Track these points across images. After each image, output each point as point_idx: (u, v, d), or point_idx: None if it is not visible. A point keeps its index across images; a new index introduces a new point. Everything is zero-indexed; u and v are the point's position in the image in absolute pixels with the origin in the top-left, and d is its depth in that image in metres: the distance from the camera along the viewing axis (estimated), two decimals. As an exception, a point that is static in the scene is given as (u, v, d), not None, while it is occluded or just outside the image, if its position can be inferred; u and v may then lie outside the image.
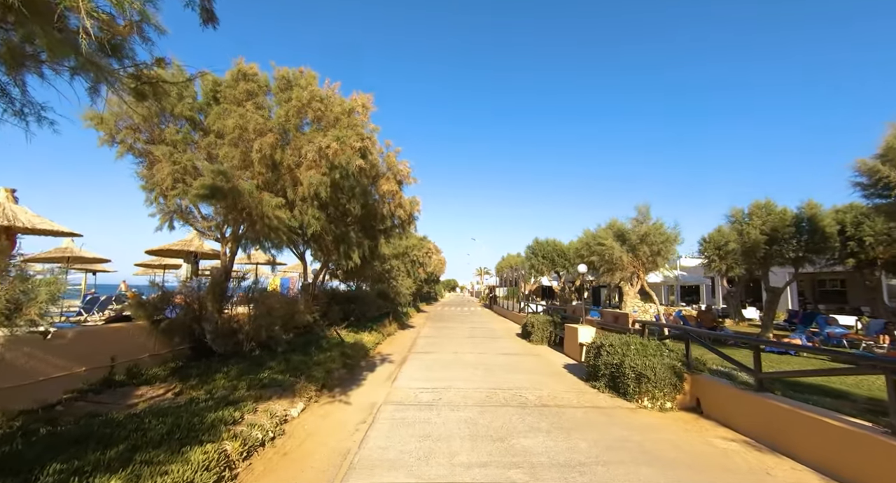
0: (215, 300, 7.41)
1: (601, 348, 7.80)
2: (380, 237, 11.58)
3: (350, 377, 8.39)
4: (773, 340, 9.61)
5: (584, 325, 11.23)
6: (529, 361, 10.56)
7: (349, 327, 13.63)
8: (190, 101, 6.82)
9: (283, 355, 8.06)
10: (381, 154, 11.56)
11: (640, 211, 10.28)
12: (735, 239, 11.33)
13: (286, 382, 6.58)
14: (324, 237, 9.08)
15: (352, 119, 7.33)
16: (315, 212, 7.39)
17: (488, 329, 18.69)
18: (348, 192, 8.96)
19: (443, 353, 11.54)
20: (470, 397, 6.98)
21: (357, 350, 10.39)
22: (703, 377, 6.40)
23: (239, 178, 6.34)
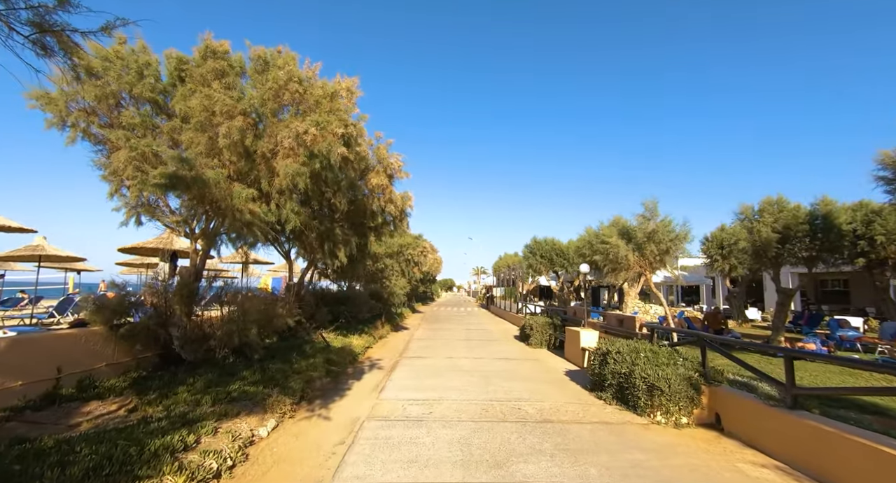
0: (183, 302, 6.70)
1: (607, 355, 7.14)
2: (369, 234, 10.89)
3: (334, 387, 7.69)
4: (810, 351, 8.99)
5: (586, 328, 10.58)
6: (528, 367, 9.90)
7: (338, 330, 12.93)
8: (152, 80, 6.09)
9: (261, 363, 7.37)
10: (371, 146, 10.86)
11: (647, 207, 9.65)
12: (745, 237, 10.73)
13: (258, 395, 5.88)
14: (306, 234, 8.39)
15: (335, 103, 6.64)
16: (294, 206, 6.70)
17: (485, 331, 18.04)
18: (333, 185, 8.26)
19: (436, 358, 10.87)
20: (464, 411, 6.31)
21: (344, 355, 9.70)
22: (723, 389, 5.75)
23: (205, 167, 5.65)
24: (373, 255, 16.18)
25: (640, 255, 9.66)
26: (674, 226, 9.35)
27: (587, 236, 12.48)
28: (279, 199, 6.69)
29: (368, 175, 9.86)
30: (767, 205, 10.63)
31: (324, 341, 9.88)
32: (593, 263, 12.07)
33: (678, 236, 9.35)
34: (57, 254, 12.90)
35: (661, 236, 9.28)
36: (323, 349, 9.51)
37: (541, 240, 25.31)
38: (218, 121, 5.71)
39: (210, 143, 5.77)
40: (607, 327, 9.78)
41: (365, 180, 9.91)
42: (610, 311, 10.18)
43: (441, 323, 21.55)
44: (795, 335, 14.89)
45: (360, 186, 10.22)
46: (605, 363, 7.15)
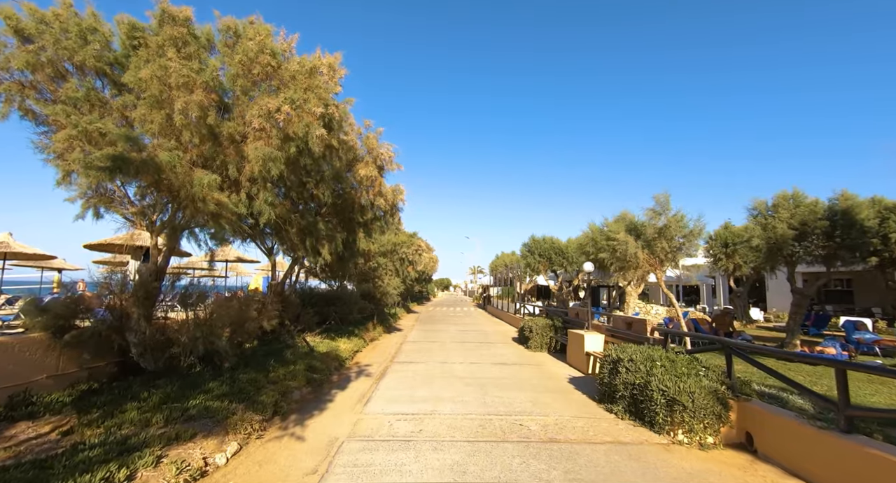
0: (141, 305, 5.91)
1: (618, 364, 6.42)
2: (358, 231, 10.12)
3: (314, 398, 6.92)
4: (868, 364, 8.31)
5: (590, 331, 9.86)
6: (529, 374, 9.17)
7: (326, 332, 12.16)
8: (97, 47, 5.28)
9: (231, 372, 6.58)
10: (360, 135, 10.10)
11: (658, 201, 8.92)
12: (759, 234, 10.05)
13: (221, 412, 5.10)
14: (286, 229, 7.61)
15: (314, 80, 5.87)
16: (268, 196, 5.93)
17: (481, 332, 17.30)
18: (315, 174, 7.49)
19: (430, 363, 10.12)
20: (458, 428, 5.56)
21: (329, 361, 8.93)
22: (755, 405, 5.03)
23: (160, 149, 4.87)
24: (364, 253, 15.40)
25: (650, 252, 8.95)
26: (687, 221, 8.65)
27: (591, 233, 11.76)
28: (251, 188, 5.91)
29: (356, 166, 9.09)
30: (782, 200, 9.95)
31: (307, 346, 9.09)
32: (598, 261, 11.36)
33: (692, 232, 8.63)
34: (24, 251, 12.05)
35: (674, 232, 8.57)
36: (306, 355, 8.74)
37: (539, 238, 24.61)
38: (175, 95, 4.93)
39: (167, 121, 4.99)
40: (614, 331, 9.06)
41: (353, 171, 9.14)
42: (616, 314, 9.45)
43: (436, 324, 20.80)
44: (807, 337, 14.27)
45: (348, 178, 9.44)
46: (615, 372, 6.43)
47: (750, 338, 12.31)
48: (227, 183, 5.84)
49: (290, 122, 5.50)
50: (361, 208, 10.02)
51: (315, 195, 7.90)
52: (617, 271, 9.91)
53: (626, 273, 9.56)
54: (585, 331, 9.91)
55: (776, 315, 26.27)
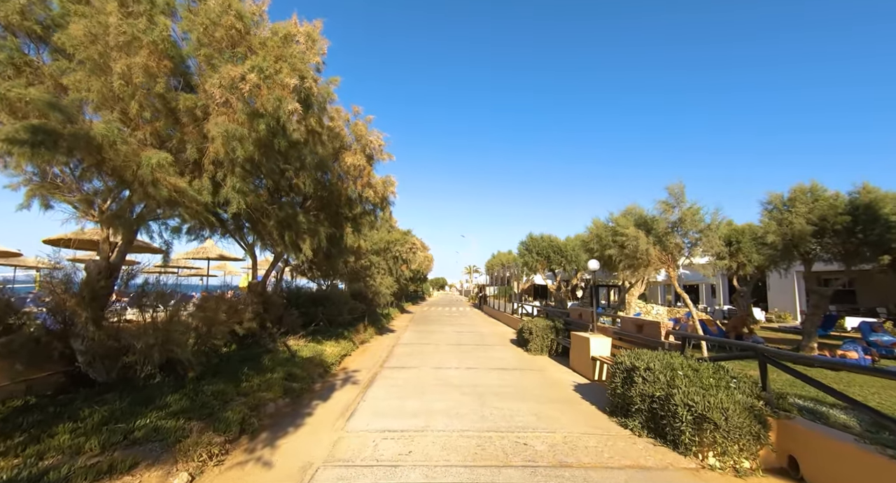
0: (88, 306, 5.12)
1: (633, 372, 5.71)
2: (345, 225, 9.35)
3: (291, 412, 6.15)
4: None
5: (596, 334, 9.15)
6: (530, 380, 8.45)
7: (313, 335, 11.37)
8: (23, 1, 4.50)
9: (196, 383, 5.80)
10: (348, 123, 9.32)
11: (672, 192, 8.21)
12: (774, 230, 9.39)
13: (175, 433, 4.33)
14: (263, 221, 6.83)
15: (288, 49, 5.11)
16: (236, 182, 5.15)
17: (478, 334, 16.57)
18: (295, 161, 6.71)
19: (423, 369, 9.37)
20: (453, 448, 4.82)
21: (312, 368, 8.15)
22: (799, 424, 4.33)
23: (105, 123, 4.09)
24: (354, 250, 14.61)
25: (662, 248, 8.25)
26: (702, 214, 7.96)
27: (595, 229, 11.07)
28: (215, 172, 5.13)
29: (343, 154, 8.32)
30: (800, 193, 9.31)
31: (288, 351, 8.31)
32: (605, 259, 10.65)
33: (709, 227, 7.93)
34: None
35: (689, 226, 7.89)
36: (286, 361, 7.96)
37: (537, 236, 23.94)
38: (115, 57, 4.16)
39: (108, 89, 4.22)
40: (622, 334, 8.36)
41: (339, 161, 8.37)
42: (622, 315, 8.75)
43: (431, 325, 20.05)
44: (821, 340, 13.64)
45: (334, 168, 8.66)
46: (630, 382, 5.71)
47: (762, 340, 11.68)
48: (188, 167, 5.06)
49: (257, 95, 4.73)
50: (349, 201, 9.25)
51: (296, 185, 7.14)
52: (626, 269, 9.22)
53: (636, 271, 8.87)
54: (590, 334, 9.21)
55: (778, 315, 25.80)
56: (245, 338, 9.70)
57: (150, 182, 4.37)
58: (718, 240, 8.13)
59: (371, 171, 8.83)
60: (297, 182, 7.08)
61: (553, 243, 23.21)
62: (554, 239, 23.58)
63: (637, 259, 8.47)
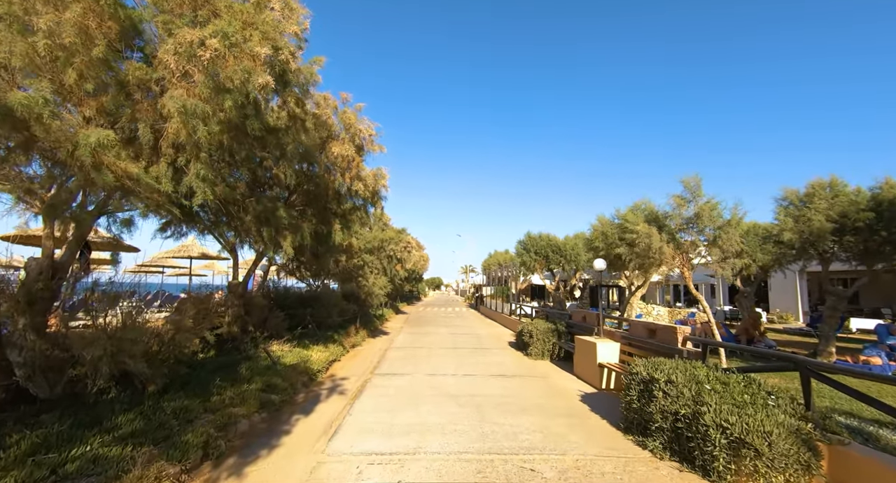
0: (26, 311, 4.41)
1: (651, 385, 5.07)
2: (334, 222, 8.66)
3: (266, 429, 5.47)
4: None
5: (602, 338, 8.53)
6: (533, 389, 7.81)
7: (299, 339, 10.67)
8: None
9: (157, 398, 5.09)
10: (336, 111, 8.62)
11: (687, 185, 7.57)
12: (791, 227, 8.81)
13: (116, 465, 3.63)
14: (240, 215, 6.14)
15: (260, 15, 4.44)
16: (201, 169, 4.46)
17: (475, 336, 15.93)
18: (274, 148, 6.01)
19: (416, 376, 8.70)
20: (449, 474, 4.17)
21: (295, 376, 7.46)
22: (855, 451, 3.70)
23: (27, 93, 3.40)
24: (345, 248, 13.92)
25: (676, 246, 7.64)
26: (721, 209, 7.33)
27: (600, 226, 10.43)
28: (176, 157, 4.44)
29: (330, 144, 7.64)
30: (818, 188, 8.73)
31: (269, 358, 7.61)
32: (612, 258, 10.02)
33: (728, 223, 7.32)
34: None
35: (706, 222, 7.27)
36: (266, 369, 7.26)
37: (535, 235, 23.32)
38: (42, 11, 3.48)
39: (34, 52, 3.51)
40: (632, 339, 7.74)
41: (326, 151, 7.68)
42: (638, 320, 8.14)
43: (426, 326, 19.38)
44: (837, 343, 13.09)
45: (320, 159, 7.96)
46: (648, 396, 5.08)
47: (774, 344, 11.12)
48: (144, 150, 4.35)
49: (222, 67, 4.04)
50: (337, 196, 8.57)
51: (276, 176, 6.44)
52: (637, 269, 8.60)
53: (647, 271, 8.25)
54: (597, 338, 8.58)
55: (779, 315, 25.36)
56: (225, 342, 9.01)
57: (90, 166, 3.67)
58: (739, 237, 7.51)
59: (361, 163, 8.15)
60: (277, 173, 6.39)
61: (552, 242, 22.61)
62: (553, 238, 22.98)
63: (649, 258, 7.85)
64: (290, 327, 11.06)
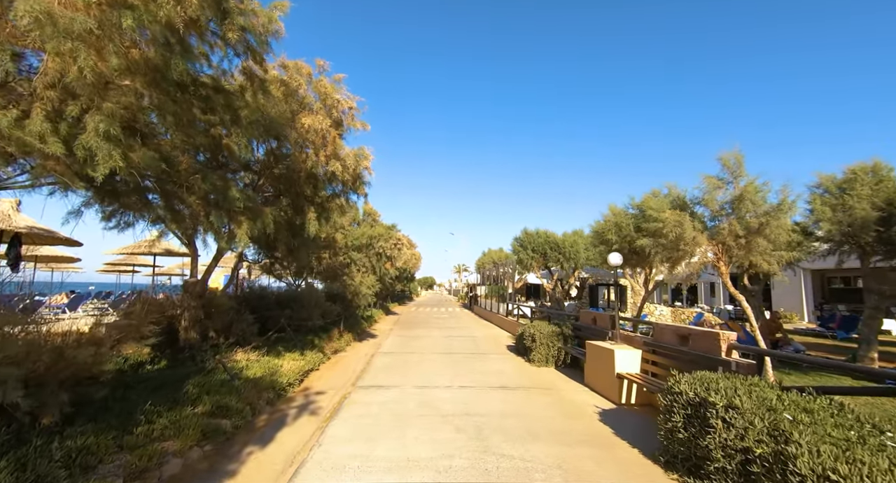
0: None
1: (704, 409, 3.93)
2: (308, 210, 7.41)
3: (207, 469, 4.22)
4: None
5: (620, 345, 7.39)
6: (542, 404, 6.64)
7: (273, 346, 9.41)
8: None
9: (51, 435, 3.82)
10: (310, 79, 7.37)
11: (725, 163, 6.38)
12: (829, 217, 7.76)
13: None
14: (179, 194, 4.88)
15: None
16: (101, 122, 3.21)
17: (470, 339, 14.75)
18: (223, 110, 4.77)
19: (405, 389, 7.50)
20: (445, 550, 2.97)
21: (258, 393, 6.21)
22: None
23: None
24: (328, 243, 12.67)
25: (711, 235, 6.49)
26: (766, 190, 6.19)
27: (612, 217, 9.27)
28: (60, 104, 3.18)
29: (300, 116, 6.41)
30: (860, 174, 7.67)
31: (225, 371, 6.34)
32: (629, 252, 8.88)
33: (778, 207, 6.18)
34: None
35: (749, 207, 6.12)
36: (222, 384, 6.00)
37: (533, 232, 22.24)
38: None
39: None
40: (658, 346, 6.61)
41: (295, 123, 6.44)
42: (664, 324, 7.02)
43: (417, 328, 18.16)
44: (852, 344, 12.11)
45: (291, 136, 6.72)
46: (701, 424, 3.93)
47: (802, 348, 10.10)
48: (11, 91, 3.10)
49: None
50: (312, 179, 7.32)
51: (227, 147, 5.20)
52: (664, 262, 7.47)
53: (676, 264, 7.14)
54: (613, 344, 7.44)
55: (784, 315, 24.55)
56: (182, 350, 7.73)
57: None
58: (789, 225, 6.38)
59: (338, 139, 6.89)
60: (228, 143, 5.15)
61: (550, 239, 21.53)
62: (551, 234, 21.91)
63: (678, 250, 6.71)
64: (262, 332, 9.79)
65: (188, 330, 7.72)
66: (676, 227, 6.46)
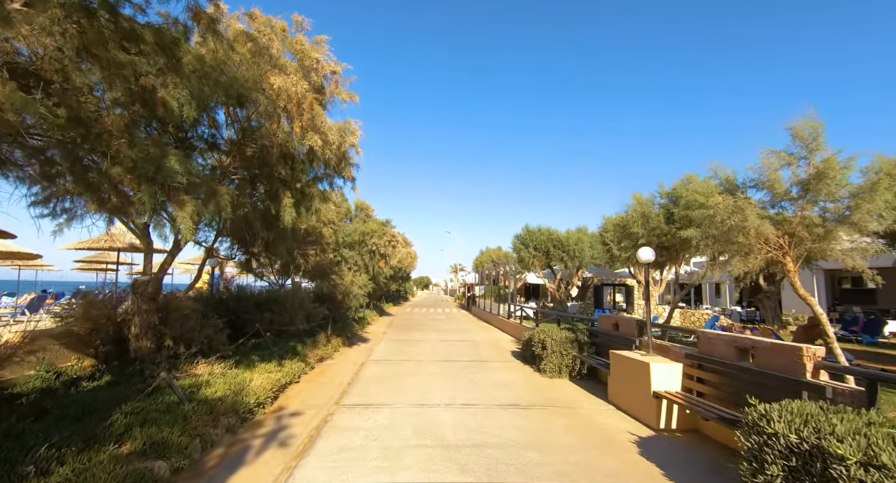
0: None
1: (821, 462, 2.76)
2: (283, 195, 6.19)
3: (112, 547, 2.99)
4: None
5: (654, 356, 6.24)
6: (564, 430, 5.47)
7: (248, 355, 8.19)
8: None
9: None
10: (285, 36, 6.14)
11: (798, 134, 5.14)
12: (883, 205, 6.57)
13: None
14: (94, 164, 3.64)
15: None
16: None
17: (471, 344, 13.56)
18: (156, 50, 3.54)
19: (397, 408, 6.30)
20: None
21: (214, 418, 4.98)
22: None
23: None
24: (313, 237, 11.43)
25: (776, 224, 5.31)
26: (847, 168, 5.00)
27: (639, 206, 8.07)
28: None
29: (268, 75, 5.18)
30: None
31: (173, 391, 5.09)
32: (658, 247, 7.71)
33: (871, 187, 4.96)
34: None
35: (830, 188, 4.93)
36: (167, 410, 4.76)
37: (534, 229, 21.10)
38: None
39: None
40: (705, 359, 5.45)
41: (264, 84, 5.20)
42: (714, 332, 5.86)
43: (413, 331, 16.94)
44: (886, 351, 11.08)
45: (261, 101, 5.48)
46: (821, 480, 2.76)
47: (851, 357, 8.99)
48: None
49: None
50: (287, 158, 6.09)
51: (162, 102, 3.96)
52: (719, 257, 6.25)
53: (730, 260, 5.94)
54: (645, 355, 6.29)
55: (794, 317, 23.56)
56: (132, 362, 6.49)
57: None
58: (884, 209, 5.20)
59: (316, 105, 5.64)
60: (163, 96, 3.92)
61: (553, 236, 20.40)
62: (553, 231, 20.78)
63: (736, 244, 5.48)
64: (238, 338, 8.55)
65: (139, 338, 6.48)
66: (735, 215, 5.27)
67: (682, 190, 6.78)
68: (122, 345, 6.70)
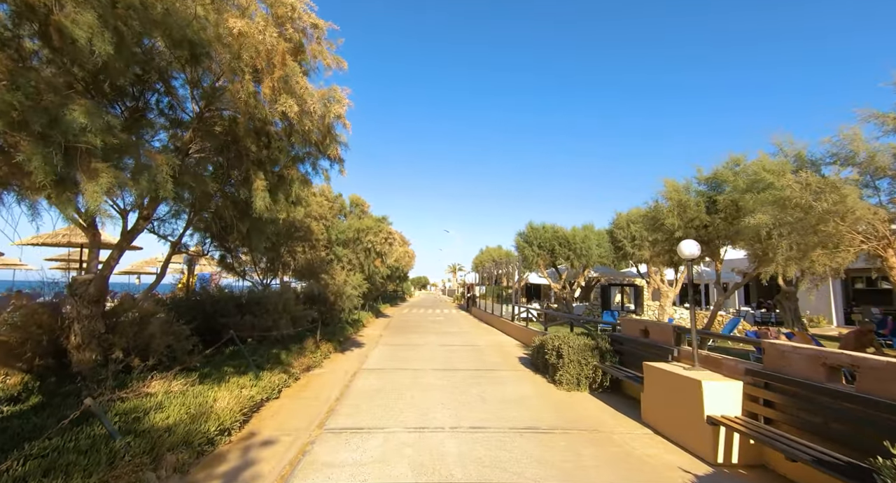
0: None
1: None
2: (255, 178, 5.10)
3: None
4: None
5: (704, 371, 5.18)
6: (595, 462, 4.40)
7: (220, 366, 7.10)
8: None
9: None
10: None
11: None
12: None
13: None
14: None
15: None
16: None
17: (474, 349, 12.47)
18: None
19: (392, 434, 5.22)
20: None
21: (158, 455, 3.88)
22: None
23: None
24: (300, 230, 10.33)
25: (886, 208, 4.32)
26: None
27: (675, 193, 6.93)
28: None
29: (228, 16, 4.10)
30: None
31: (103, 423, 3.99)
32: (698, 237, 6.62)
33: None
34: None
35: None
36: (91, 447, 3.66)
37: (538, 226, 20.04)
38: None
39: None
40: (773, 376, 4.39)
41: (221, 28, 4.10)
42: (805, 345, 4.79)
43: (411, 334, 15.85)
44: None
45: (210, 49, 4.39)
46: None
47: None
48: None
49: None
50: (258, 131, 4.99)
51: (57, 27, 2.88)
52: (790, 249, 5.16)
53: (806, 255, 4.88)
54: (692, 369, 5.22)
55: (811, 320, 22.58)
56: (74, 378, 5.39)
57: None
58: None
59: (289, 60, 4.50)
60: (58, 19, 2.82)
61: (558, 234, 19.36)
62: (559, 229, 19.73)
63: (821, 233, 4.41)
64: (213, 345, 7.45)
65: (81, 349, 5.37)
66: (828, 196, 4.16)
67: (728, 173, 5.74)
68: (63, 357, 5.59)
